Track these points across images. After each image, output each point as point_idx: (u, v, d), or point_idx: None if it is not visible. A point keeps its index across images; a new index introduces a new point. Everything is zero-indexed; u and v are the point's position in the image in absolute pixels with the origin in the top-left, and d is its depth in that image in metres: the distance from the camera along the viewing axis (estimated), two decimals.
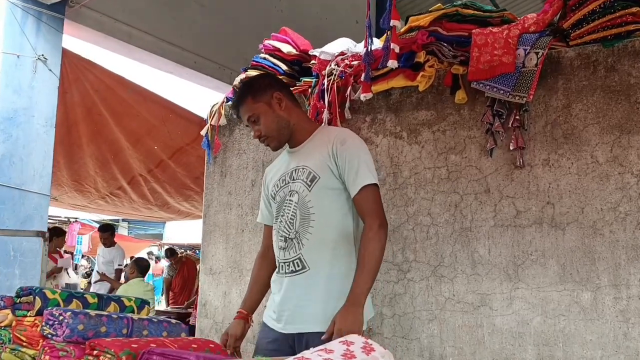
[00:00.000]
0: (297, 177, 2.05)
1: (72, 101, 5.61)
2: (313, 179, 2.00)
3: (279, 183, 2.13)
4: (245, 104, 2.09)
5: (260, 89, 2.10)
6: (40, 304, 1.57)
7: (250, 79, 2.32)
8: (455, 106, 2.52)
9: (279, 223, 2.09)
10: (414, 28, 2.60)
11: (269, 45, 3.13)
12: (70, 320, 1.41)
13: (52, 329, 1.43)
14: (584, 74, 2.27)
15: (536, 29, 2.39)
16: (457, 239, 2.45)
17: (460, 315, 2.40)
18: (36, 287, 1.61)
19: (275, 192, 2.14)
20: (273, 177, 2.20)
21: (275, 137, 2.09)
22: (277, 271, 2.13)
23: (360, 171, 1.96)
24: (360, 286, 1.88)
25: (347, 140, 2.02)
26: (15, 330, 1.58)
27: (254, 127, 2.08)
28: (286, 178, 2.10)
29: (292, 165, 2.10)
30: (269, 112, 2.07)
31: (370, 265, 1.90)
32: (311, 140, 2.11)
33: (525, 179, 2.34)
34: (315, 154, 2.05)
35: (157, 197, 8.13)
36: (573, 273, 2.21)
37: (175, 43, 6.13)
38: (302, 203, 2.01)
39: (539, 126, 2.33)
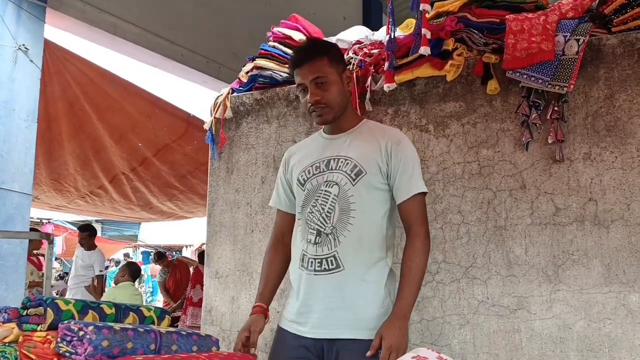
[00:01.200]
0: (337, 167, 1.91)
1: (53, 95, 5.32)
2: (359, 173, 1.87)
3: (311, 169, 1.97)
4: (318, 62, 1.89)
5: (338, 57, 1.99)
6: (53, 316, 1.36)
7: (326, 41, 2.17)
8: (487, 97, 2.37)
9: (309, 214, 1.93)
10: (441, 14, 2.44)
11: (279, 32, 2.93)
12: (93, 335, 1.21)
13: (71, 346, 1.22)
14: (628, 63, 2.14)
15: (574, 14, 2.25)
16: (490, 238, 2.29)
17: (495, 319, 2.25)
18: (47, 297, 1.40)
19: (305, 178, 1.97)
20: (302, 161, 2.02)
21: (334, 110, 1.93)
22: (301, 266, 1.94)
23: (414, 176, 1.90)
24: (407, 298, 1.79)
25: (402, 142, 1.93)
26: (23, 347, 1.36)
27: (316, 90, 1.88)
28: (321, 165, 1.95)
29: (329, 153, 1.95)
30: (339, 83, 1.94)
31: (418, 277, 1.82)
32: (356, 131, 1.98)
33: (565, 174, 2.20)
34: (362, 147, 1.92)
35: (140, 197, 7.85)
36: (619, 274, 2.07)
37: (162, 35, 5.89)
38: (343, 196, 1.87)
39: (579, 118, 2.20)
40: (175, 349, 1.39)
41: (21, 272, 4.16)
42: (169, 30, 5.94)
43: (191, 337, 1.43)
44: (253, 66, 2.93)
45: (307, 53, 1.94)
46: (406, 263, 1.84)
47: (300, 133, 2.79)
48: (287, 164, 2.10)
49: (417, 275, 1.81)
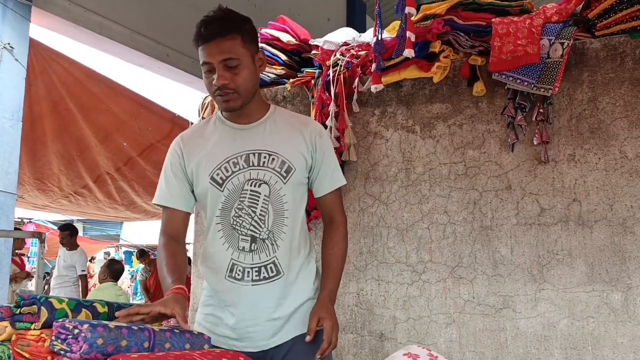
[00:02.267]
0: (261, 163, 1.68)
1: (38, 94, 5.25)
2: (289, 170, 1.69)
3: (228, 166, 1.68)
4: (230, 40, 1.60)
5: (252, 35, 1.69)
6: (47, 315, 1.35)
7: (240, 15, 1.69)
8: (473, 99, 2.40)
9: (235, 218, 1.68)
10: (428, 16, 2.47)
11: (267, 34, 2.94)
12: (89, 333, 1.20)
13: (66, 344, 1.21)
14: (611, 66, 2.19)
15: (559, 18, 2.29)
16: (476, 238, 2.33)
17: (480, 318, 2.28)
18: (40, 296, 1.39)
19: (223, 177, 1.68)
20: (209, 155, 1.71)
21: (242, 97, 1.66)
22: (230, 277, 1.70)
23: (337, 170, 1.81)
24: (333, 285, 1.73)
25: (323, 134, 1.80)
26: (16, 346, 1.35)
27: (225, 72, 1.61)
28: (239, 161, 1.68)
29: (245, 146, 1.70)
30: (251, 66, 1.66)
31: (341, 265, 1.79)
32: (270, 120, 1.75)
33: (550, 175, 2.24)
34: (285, 140, 1.72)
35: (124, 197, 7.78)
36: (602, 273, 2.12)
37: (147, 35, 5.85)
38: (276, 197, 1.68)
39: (564, 120, 2.24)
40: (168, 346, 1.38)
41: (5, 271, 4.11)
42: (155, 30, 5.91)
43: (184, 335, 1.43)
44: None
45: (219, 27, 1.60)
46: (329, 252, 1.78)
47: None
48: (182, 154, 1.75)
49: (342, 262, 1.78)
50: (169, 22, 6.06)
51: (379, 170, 2.55)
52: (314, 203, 2.63)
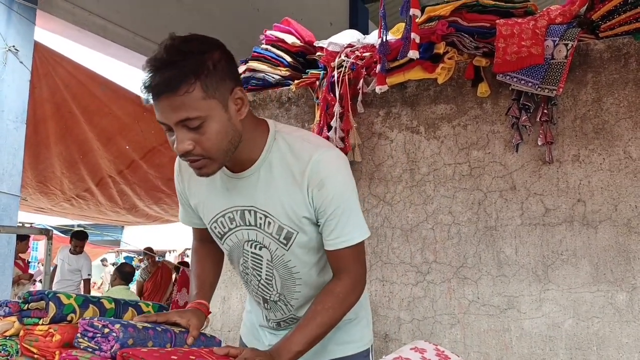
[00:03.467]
0: (257, 224, 1.41)
1: (41, 97, 5.27)
2: (289, 236, 1.40)
3: (224, 221, 1.46)
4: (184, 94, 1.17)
5: (222, 72, 1.23)
6: (55, 310, 1.36)
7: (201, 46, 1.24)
8: (477, 100, 2.41)
9: (243, 274, 1.55)
10: (432, 18, 2.48)
11: (272, 36, 2.96)
12: (121, 334, 1.21)
13: (94, 342, 1.22)
14: (615, 67, 2.20)
15: (563, 20, 2.30)
16: (481, 239, 2.33)
17: (485, 319, 2.29)
18: (49, 292, 1.40)
19: (221, 232, 1.48)
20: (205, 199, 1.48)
21: (218, 160, 1.27)
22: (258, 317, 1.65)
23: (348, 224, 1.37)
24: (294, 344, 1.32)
25: (325, 183, 1.33)
26: (24, 341, 1.36)
27: (187, 134, 1.20)
28: (235, 217, 1.43)
29: (240, 200, 1.41)
30: (222, 118, 1.23)
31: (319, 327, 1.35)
32: (265, 164, 1.36)
33: (554, 175, 2.24)
34: (281, 199, 1.37)
35: (126, 200, 7.79)
36: (607, 273, 2.12)
37: (151, 39, 5.88)
38: (280, 263, 1.45)
39: (568, 121, 2.25)
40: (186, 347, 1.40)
41: (8, 273, 4.12)
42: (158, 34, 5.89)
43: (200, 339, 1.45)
44: (246, 68, 2.95)
45: (167, 79, 1.17)
46: (315, 305, 1.38)
47: None
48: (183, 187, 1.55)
49: (319, 325, 1.35)
50: (172, 25, 6.06)
51: (383, 170, 2.55)
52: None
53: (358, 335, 1.60)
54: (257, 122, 1.38)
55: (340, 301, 1.38)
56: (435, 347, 1.24)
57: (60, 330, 1.32)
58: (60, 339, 1.32)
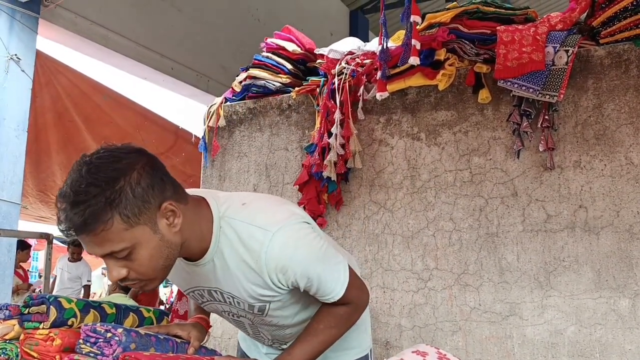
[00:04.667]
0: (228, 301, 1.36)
1: (43, 106, 5.30)
2: (262, 309, 1.35)
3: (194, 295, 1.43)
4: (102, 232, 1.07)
5: (138, 199, 1.10)
6: (56, 314, 1.35)
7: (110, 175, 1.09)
8: (478, 106, 2.41)
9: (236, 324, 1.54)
10: (433, 25, 2.49)
11: (273, 43, 2.97)
12: (123, 337, 1.21)
13: (96, 347, 1.21)
14: (615, 73, 2.20)
15: (563, 27, 2.31)
16: (482, 245, 2.32)
17: (487, 325, 2.27)
18: (50, 296, 1.39)
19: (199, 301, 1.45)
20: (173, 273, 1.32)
21: (158, 277, 1.20)
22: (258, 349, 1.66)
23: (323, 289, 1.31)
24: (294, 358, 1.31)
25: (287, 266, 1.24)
26: (24, 345, 1.35)
27: (116, 264, 1.13)
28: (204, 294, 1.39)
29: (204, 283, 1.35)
30: (152, 240, 1.14)
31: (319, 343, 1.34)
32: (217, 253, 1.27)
33: (556, 181, 2.24)
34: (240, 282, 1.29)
35: None
36: (609, 279, 2.11)
37: (152, 48, 5.92)
38: (262, 323, 1.43)
39: (569, 127, 2.24)
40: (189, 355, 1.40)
41: (8, 282, 4.11)
42: (159, 44, 5.98)
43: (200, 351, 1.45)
44: (247, 76, 2.96)
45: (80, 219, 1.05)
46: (318, 323, 1.35)
47: (292, 141, 2.81)
48: None
49: (321, 342, 1.34)
50: (173, 35, 6.12)
51: (384, 177, 2.55)
52: (318, 210, 2.64)
53: (356, 342, 1.59)
54: (198, 212, 1.26)
55: (344, 321, 1.37)
56: (437, 350, 1.23)
57: (60, 335, 1.31)
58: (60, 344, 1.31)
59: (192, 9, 6.45)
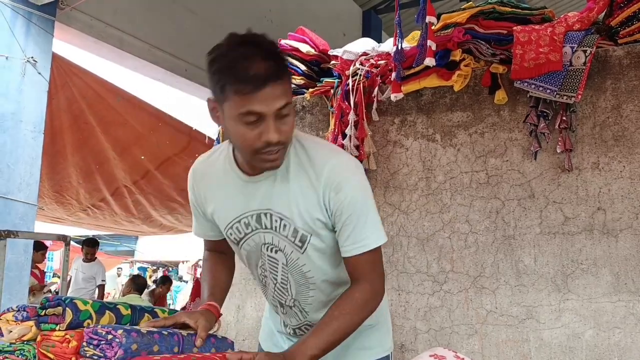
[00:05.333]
0: (273, 227, 1.41)
1: (59, 108, 5.34)
2: (303, 239, 1.40)
3: (239, 227, 1.46)
4: (284, 81, 1.23)
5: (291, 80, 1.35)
6: (72, 316, 1.36)
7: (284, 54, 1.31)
8: (494, 107, 2.39)
9: (261, 277, 1.55)
10: (448, 25, 2.47)
11: (286, 45, 2.97)
12: (124, 339, 1.20)
13: (99, 350, 1.21)
14: (634, 74, 2.17)
15: (581, 27, 2.28)
16: (499, 248, 2.30)
17: (504, 329, 2.25)
18: (66, 298, 1.40)
19: (237, 238, 1.48)
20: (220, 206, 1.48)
21: (287, 150, 1.34)
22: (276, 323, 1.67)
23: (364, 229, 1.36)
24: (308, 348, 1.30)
25: (342, 186, 1.34)
26: (41, 347, 1.35)
27: (280, 124, 1.25)
28: (250, 222, 1.43)
29: (255, 204, 1.41)
30: (294, 113, 1.31)
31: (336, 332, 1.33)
32: (283, 167, 1.35)
33: (574, 183, 2.21)
34: (297, 201, 1.37)
35: (141, 210, 7.83)
36: (628, 283, 2.08)
37: (166, 50, 5.95)
38: (294, 267, 1.46)
39: (587, 128, 2.22)
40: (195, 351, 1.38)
41: (24, 282, 4.15)
42: (174, 45, 6.00)
43: (209, 340, 1.43)
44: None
45: (272, 66, 1.20)
46: (333, 310, 1.36)
47: None
48: (196, 196, 1.54)
49: (336, 330, 1.33)
50: (187, 37, 6.14)
51: (398, 179, 2.54)
52: None
53: (378, 342, 1.58)
54: None
55: (359, 307, 1.37)
56: (455, 353, 1.22)
57: (76, 337, 1.31)
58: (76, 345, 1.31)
59: (206, 11, 6.47)
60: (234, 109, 1.22)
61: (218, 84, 1.24)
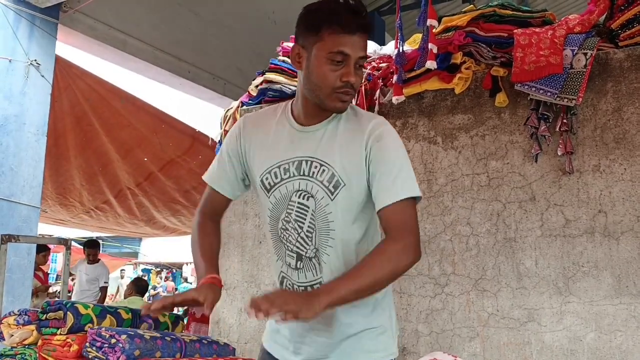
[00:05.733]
0: (311, 173, 1.50)
1: (62, 110, 5.37)
2: (337, 185, 1.48)
3: (278, 172, 1.54)
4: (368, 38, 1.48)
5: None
6: (73, 320, 1.37)
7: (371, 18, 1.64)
8: (495, 110, 2.39)
9: (282, 231, 1.56)
10: (449, 28, 2.48)
11: (288, 47, 2.97)
12: (127, 344, 1.22)
13: (101, 352, 1.23)
14: (635, 76, 2.17)
15: (581, 29, 2.28)
16: (500, 250, 2.30)
17: (505, 332, 2.25)
18: (67, 302, 1.41)
19: (272, 183, 1.54)
20: (264, 152, 1.57)
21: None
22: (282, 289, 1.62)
23: (399, 178, 1.44)
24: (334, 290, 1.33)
25: (384, 137, 1.48)
26: (42, 350, 1.37)
27: (357, 71, 1.46)
28: (290, 168, 1.52)
29: (300, 152, 1.52)
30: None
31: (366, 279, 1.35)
32: (333, 122, 1.52)
33: (575, 185, 2.21)
34: (341, 149, 1.50)
35: (144, 212, 7.86)
36: (629, 285, 2.08)
37: (169, 52, 5.97)
38: (321, 212, 1.51)
39: (588, 130, 2.22)
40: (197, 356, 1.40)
41: (27, 285, 4.16)
42: (177, 47, 6.02)
43: (212, 346, 1.44)
44: (263, 80, 2.96)
45: (366, 22, 1.46)
46: (361, 261, 1.40)
47: None
48: (241, 141, 1.62)
49: (364, 277, 1.35)
50: (190, 39, 6.16)
51: None
52: None
53: (383, 346, 1.57)
54: None
55: (388, 259, 1.37)
56: (455, 358, 1.22)
57: (77, 341, 1.33)
58: (77, 349, 1.33)
59: (209, 13, 6.49)
60: (326, 49, 1.42)
61: (314, 27, 1.44)
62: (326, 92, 1.45)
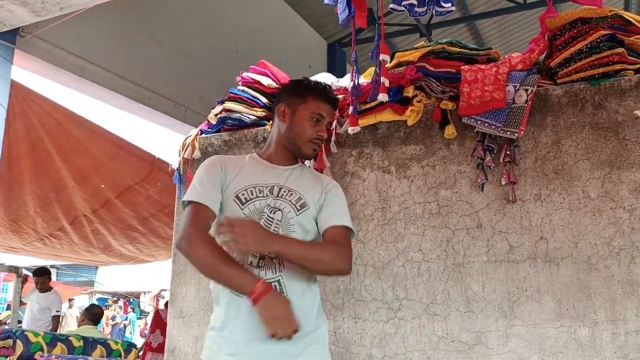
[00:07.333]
0: (281, 195, 1.94)
1: (16, 135, 5.26)
2: (303, 205, 1.95)
3: (253, 190, 1.93)
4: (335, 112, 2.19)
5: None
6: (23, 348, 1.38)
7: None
8: (445, 141, 2.51)
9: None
10: (402, 63, 2.60)
11: (248, 77, 3.05)
12: None
13: None
14: (572, 111, 2.32)
15: (523, 67, 2.44)
16: (449, 275, 2.39)
17: (454, 354, 2.33)
18: (16, 330, 1.42)
19: (248, 198, 1.91)
20: (240, 178, 1.96)
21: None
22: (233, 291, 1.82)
23: (344, 215, 2.00)
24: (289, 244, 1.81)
25: (336, 188, 2.08)
26: None
27: (326, 129, 2.08)
28: (264, 190, 1.94)
29: (273, 181, 1.98)
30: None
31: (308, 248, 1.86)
32: (299, 169, 2.08)
33: (518, 213, 2.33)
34: (307, 186, 2.01)
35: (100, 239, 7.70)
36: (569, 309, 2.19)
37: (129, 78, 5.96)
38: (285, 223, 1.90)
39: (529, 161, 2.35)
40: None
41: None
42: (136, 74, 6.03)
43: None
44: (222, 109, 3.02)
45: (335, 99, 2.12)
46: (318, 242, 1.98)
47: None
48: (224, 169, 1.99)
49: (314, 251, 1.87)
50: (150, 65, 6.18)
51: (356, 209, 2.62)
52: None
53: None
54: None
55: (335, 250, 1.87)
56: None
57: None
58: None
59: (170, 40, 6.53)
60: (309, 110, 2.01)
61: (301, 93, 2.05)
62: (304, 141, 2.01)
